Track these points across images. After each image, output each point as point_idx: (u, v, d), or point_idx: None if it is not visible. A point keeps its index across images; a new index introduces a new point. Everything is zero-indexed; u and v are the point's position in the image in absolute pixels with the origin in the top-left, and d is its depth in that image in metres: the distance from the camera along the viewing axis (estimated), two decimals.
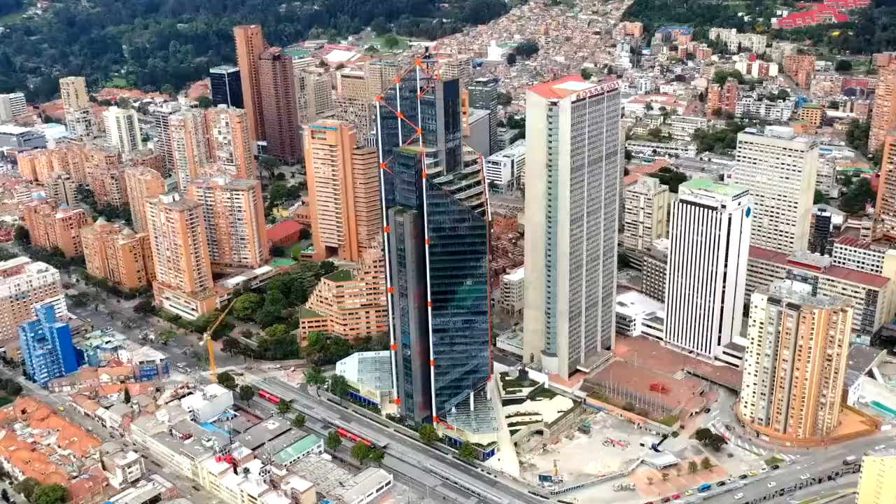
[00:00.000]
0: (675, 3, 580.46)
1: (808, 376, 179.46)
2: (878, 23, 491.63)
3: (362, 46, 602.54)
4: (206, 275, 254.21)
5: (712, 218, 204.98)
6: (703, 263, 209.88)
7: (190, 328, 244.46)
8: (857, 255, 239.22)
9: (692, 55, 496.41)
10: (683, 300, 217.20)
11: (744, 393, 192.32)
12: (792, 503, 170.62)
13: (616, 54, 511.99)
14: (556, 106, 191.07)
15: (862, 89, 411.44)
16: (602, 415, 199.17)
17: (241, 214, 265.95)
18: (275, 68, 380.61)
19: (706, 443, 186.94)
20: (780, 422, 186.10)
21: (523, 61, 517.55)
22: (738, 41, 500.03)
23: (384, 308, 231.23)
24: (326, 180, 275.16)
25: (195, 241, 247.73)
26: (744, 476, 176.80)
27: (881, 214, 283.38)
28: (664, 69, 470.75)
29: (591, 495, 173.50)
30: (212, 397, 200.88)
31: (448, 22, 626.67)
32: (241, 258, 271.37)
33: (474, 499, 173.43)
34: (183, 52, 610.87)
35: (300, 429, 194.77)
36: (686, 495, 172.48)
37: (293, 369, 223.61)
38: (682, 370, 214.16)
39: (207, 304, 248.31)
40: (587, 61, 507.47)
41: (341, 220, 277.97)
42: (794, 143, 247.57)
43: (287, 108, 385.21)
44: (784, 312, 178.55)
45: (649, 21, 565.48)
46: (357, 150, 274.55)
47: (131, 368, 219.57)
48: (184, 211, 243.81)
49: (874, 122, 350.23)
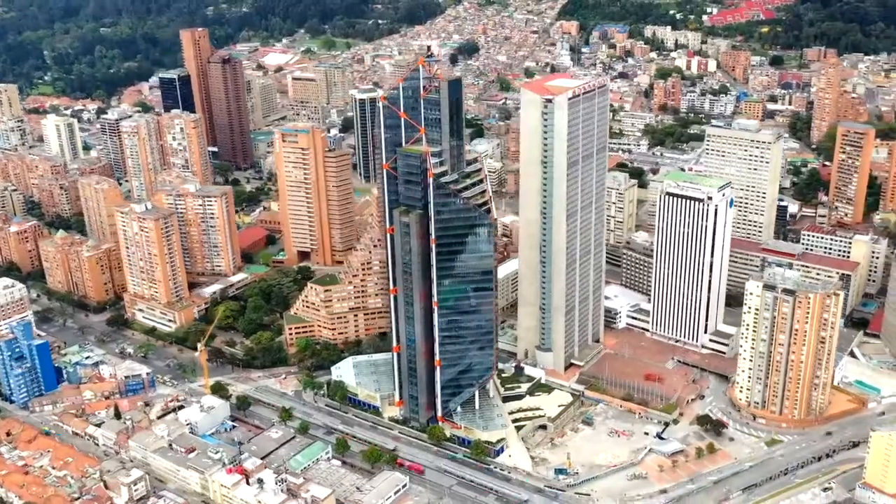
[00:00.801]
0: (609, 2, 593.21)
1: (803, 359, 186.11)
2: (805, 19, 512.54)
3: (298, 49, 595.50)
4: (182, 284, 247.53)
5: (699, 209, 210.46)
6: (689, 254, 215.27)
7: (168, 340, 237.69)
8: (824, 242, 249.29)
9: (630, 53, 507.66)
10: (670, 291, 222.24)
11: (738, 378, 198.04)
12: (796, 482, 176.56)
13: (556, 53, 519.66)
14: (551, 103, 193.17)
15: (797, 83, 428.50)
16: (602, 406, 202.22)
17: (214, 221, 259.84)
18: (224, 72, 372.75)
19: (707, 428, 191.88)
20: (776, 404, 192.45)
21: (465, 61, 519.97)
22: (674, 38, 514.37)
23: (372, 311, 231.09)
24: (298, 184, 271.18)
25: (170, 251, 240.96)
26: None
27: (834, 202, 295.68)
28: (606, 67, 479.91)
29: (605, 486, 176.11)
30: (209, 409, 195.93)
31: (384, 23, 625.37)
32: (213, 266, 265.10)
33: (492, 496, 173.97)
34: (109, 57, 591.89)
35: (304, 436, 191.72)
36: (697, 480, 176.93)
37: (284, 377, 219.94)
38: (671, 359, 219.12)
39: (185, 314, 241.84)
40: (528, 60, 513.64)
41: (314, 223, 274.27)
42: (761, 135, 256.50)
43: (238, 112, 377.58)
44: (780, 298, 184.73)
45: (585, 20, 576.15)
46: (329, 152, 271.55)
47: (115, 383, 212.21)
48: (158, 219, 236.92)
49: (816, 114, 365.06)
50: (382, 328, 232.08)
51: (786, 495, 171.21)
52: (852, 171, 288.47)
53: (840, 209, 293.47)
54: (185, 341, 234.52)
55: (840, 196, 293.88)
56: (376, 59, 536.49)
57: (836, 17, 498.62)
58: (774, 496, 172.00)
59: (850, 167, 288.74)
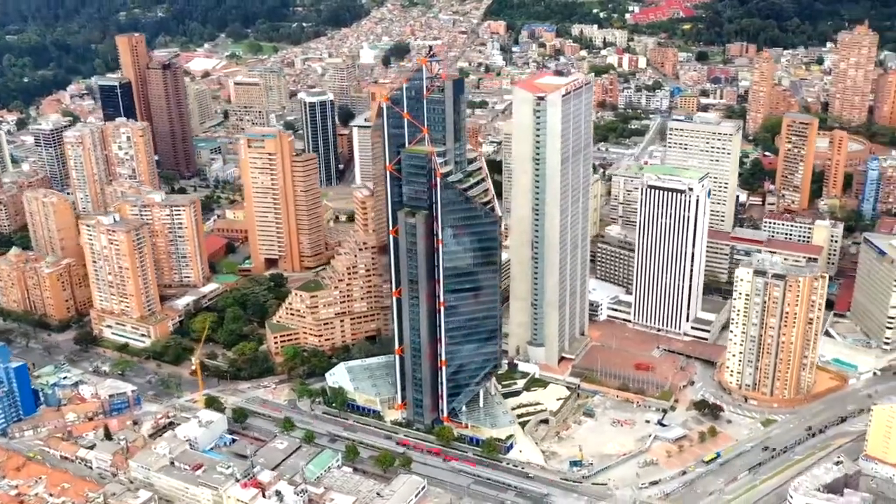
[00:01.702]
0: (533, 2, 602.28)
1: (793, 340, 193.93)
2: (724, 16, 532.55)
3: (222, 53, 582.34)
4: (154, 298, 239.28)
5: (681, 201, 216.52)
6: (672, 245, 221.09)
7: (144, 355, 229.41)
8: (785, 228, 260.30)
9: (561, 51, 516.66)
10: (652, 282, 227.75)
11: (729, 362, 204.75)
12: (796, 458, 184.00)
13: (488, 53, 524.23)
14: (543, 101, 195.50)
15: (725, 77, 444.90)
16: (599, 398, 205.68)
17: (183, 231, 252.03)
18: (165, 78, 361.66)
19: (705, 413, 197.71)
20: (768, 385, 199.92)
21: (398, 62, 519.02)
22: (602, 36, 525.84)
23: (358, 315, 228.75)
24: (265, 190, 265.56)
25: (143, 263, 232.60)
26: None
27: (781, 190, 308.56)
28: (539, 65, 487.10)
29: (619, 474, 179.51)
30: (207, 423, 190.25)
31: (308, 26, 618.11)
32: (182, 278, 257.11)
33: (511, 492, 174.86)
34: (19, 65, 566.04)
35: (310, 445, 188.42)
36: (704, 463, 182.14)
37: (274, 387, 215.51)
38: (657, 348, 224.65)
39: (160, 328, 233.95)
40: (461, 60, 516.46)
41: (282, 230, 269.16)
42: (721, 127, 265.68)
43: (180, 119, 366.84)
44: (771, 283, 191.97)
45: (511, 19, 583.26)
46: (297, 157, 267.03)
47: (99, 403, 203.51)
48: (130, 231, 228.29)
49: (751, 107, 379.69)
50: (369, 332, 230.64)
51: (790, 472, 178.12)
52: (798, 160, 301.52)
53: (787, 197, 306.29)
54: (162, 356, 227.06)
55: (787, 184, 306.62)
56: (307, 62, 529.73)
57: (754, 14, 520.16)
58: (779, 473, 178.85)
59: (796, 156, 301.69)
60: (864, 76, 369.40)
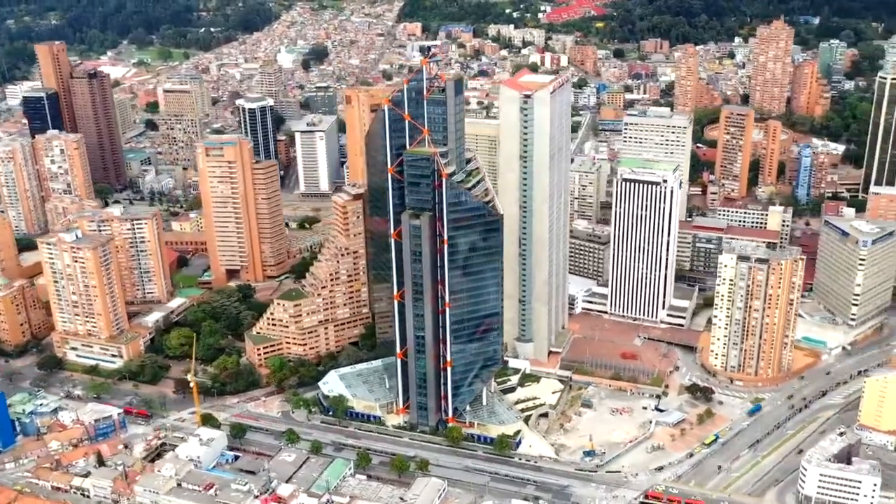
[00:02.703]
0: (446, 3, 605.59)
1: (776, 321, 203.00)
2: (635, 14, 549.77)
3: (129, 61, 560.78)
4: (122, 316, 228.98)
5: (657, 192, 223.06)
6: (648, 235, 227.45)
7: (117, 376, 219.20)
8: (739, 215, 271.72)
9: (481, 51, 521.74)
10: (628, 273, 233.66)
11: (714, 346, 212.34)
12: (789, 433, 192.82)
13: (408, 55, 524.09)
14: (530, 99, 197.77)
15: (646, 73, 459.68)
16: (592, 388, 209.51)
17: (146, 245, 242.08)
18: (91, 87, 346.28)
19: (697, 396, 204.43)
20: (752, 366, 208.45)
21: (318, 66, 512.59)
22: (520, 36, 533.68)
23: (342, 322, 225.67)
24: (225, 199, 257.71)
25: (110, 281, 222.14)
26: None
27: (721, 179, 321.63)
28: (463, 66, 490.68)
29: (630, 461, 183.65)
30: (209, 441, 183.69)
31: (218, 31, 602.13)
32: (146, 293, 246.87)
33: (531, 486, 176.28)
34: None
35: (319, 455, 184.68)
36: (706, 445, 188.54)
37: (264, 399, 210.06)
38: (637, 337, 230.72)
39: (132, 347, 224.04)
40: (381, 63, 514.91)
41: (243, 240, 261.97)
42: (675, 120, 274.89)
43: (108, 129, 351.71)
44: (755, 267, 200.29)
45: (425, 20, 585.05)
46: (257, 164, 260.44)
47: (83, 429, 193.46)
48: (96, 248, 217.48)
49: (678, 101, 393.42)
50: (352, 338, 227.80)
51: (787, 446, 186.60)
52: (737, 151, 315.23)
53: (727, 186, 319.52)
54: (138, 376, 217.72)
55: (726, 174, 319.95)
56: (223, 68, 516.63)
57: (664, 11, 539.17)
58: (777, 448, 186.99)
59: (735, 147, 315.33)
60: (782, 68, 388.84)
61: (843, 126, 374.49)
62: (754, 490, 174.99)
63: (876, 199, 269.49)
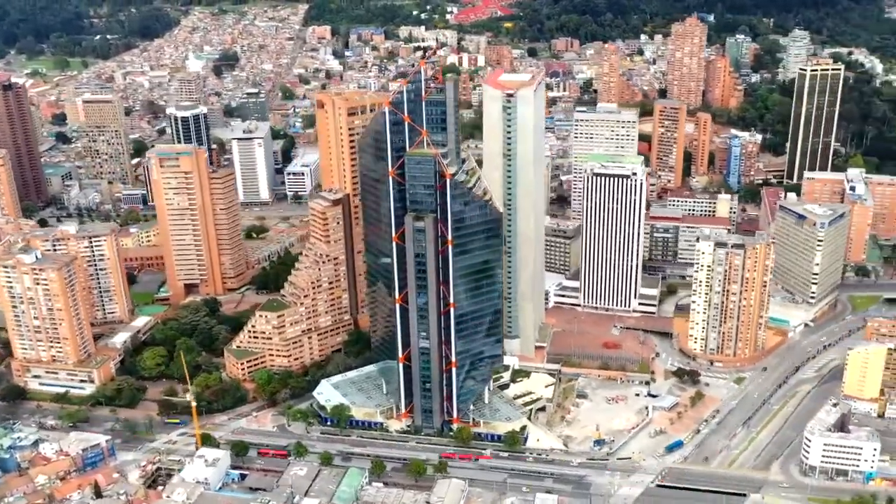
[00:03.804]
0: (352, 6, 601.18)
1: (752, 303, 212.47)
2: (542, 13, 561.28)
3: (21, 71, 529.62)
4: (89, 339, 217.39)
5: (628, 185, 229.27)
6: (620, 227, 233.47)
7: (90, 402, 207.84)
8: (688, 205, 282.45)
9: (394, 54, 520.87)
10: (599, 265, 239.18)
11: (693, 330, 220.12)
12: (774, 409, 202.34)
13: (322, 58, 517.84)
14: (513, 97, 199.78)
15: (563, 71, 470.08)
16: (583, 379, 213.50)
17: (105, 263, 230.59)
18: (6, 99, 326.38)
19: (684, 379, 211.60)
20: (731, 347, 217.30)
21: (230, 72, 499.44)
22: (433, 37, 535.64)
23: (324, 330, 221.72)
24: (182, 211, 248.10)
25: (75, 303, 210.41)
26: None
27: (658, 171, 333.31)
28: (381, 69, 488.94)
29: (637, 446, 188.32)
30: (215, 461, 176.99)
31: (115, 38, 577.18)
32: (106, 314, 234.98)
33: (549, 479, 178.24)
34: None
35: (330, 466, 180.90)
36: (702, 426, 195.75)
37: (255, 415, 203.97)
38: (614, 326, 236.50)
39: (104, 371, 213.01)
40: (296, 67, 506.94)
41: (202, 252, 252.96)
42: (623, 115, 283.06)
43: (27, 143, 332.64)
44: (731, 252, 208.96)
45: (333, 23, 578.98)
46: (214, 173, 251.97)
47: (70, 460, 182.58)
48: (60, 269, 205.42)
49: (602, 97, 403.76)
50: (335, 346, 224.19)
51: (777, 421, 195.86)
52: (671, 143, 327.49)
53: (663, 177, 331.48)
54: (113, 400, 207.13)
55: (662, 165, 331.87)
56: (128, 76, 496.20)
57: (571, 11, 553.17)
58: (768, 423, 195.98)
59: (669, 139, 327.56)
60: (697, 63, 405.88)
61: (758, 116, 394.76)
62: (757, 464, 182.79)
63: (811, 184, 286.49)
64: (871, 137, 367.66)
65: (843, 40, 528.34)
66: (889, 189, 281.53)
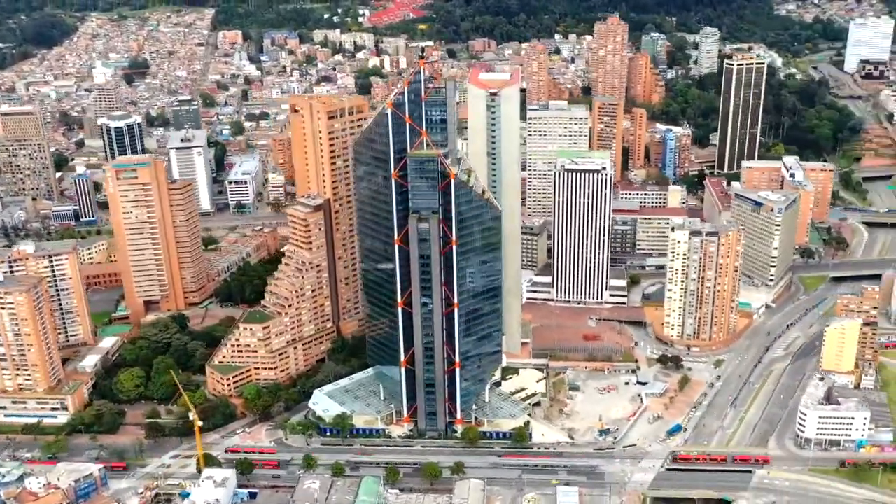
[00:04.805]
0: (261, 10, 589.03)
1: (726, 288, 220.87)
2: (456, 14, 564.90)
3: None
4: (58, 365, 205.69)
5: (598, 180, 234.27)
6: (591, 221, 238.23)
7: (66, 431, 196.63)
8: (640, 197, 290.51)
9: (312, 58, 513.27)
10: (570, 259, 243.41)
11: (669, 318, 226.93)
12: (756, 388, 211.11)
13: (237, 64, 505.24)
14: (497, 96, 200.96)
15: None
16: (570, 372, 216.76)
17: (67, 283, 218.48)
18: None
19: (668, 365, 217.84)
20: (706, 332, 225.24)
21: (142, 80, 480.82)
22: (350, 40, 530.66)
23: (308, 340, 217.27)
24: (141, 225, 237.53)
25: (44, 327, 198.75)
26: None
27: None
28: (302, 73, 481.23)
29: (639, 433, 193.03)
30: (224, 481, 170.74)
31: (9, 47, 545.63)
32: (69, 336, 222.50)
33: (563, 472, 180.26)
34: None
35: (343, 477, 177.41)
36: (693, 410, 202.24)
37: (248, 431, 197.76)
38: (590, 319, 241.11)
39: (78, 397, 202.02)
40: (211, 73, 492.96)
41: (162, 267, 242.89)
42: (574, 111, 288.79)
43: None
44: (706, 240, 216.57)
45: (243, 28, 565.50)
46: (172, 184, 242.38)
47: (62, 493, 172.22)
48: (29, 290, 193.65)
49: (531, 95, 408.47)
50: (319, 355, 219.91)
51: (761, 399, 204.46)
52: (610, 138, 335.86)
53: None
54: (92, 427, 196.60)
55: None
56: (31, 86, 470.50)
57: (484, 12, 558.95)
58: (753, 402, 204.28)
59: (608, 135, 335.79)
60: (620, 61, 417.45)
61: (680, 111, 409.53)
62: (753, 441, 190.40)
63: (749, 172, 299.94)
64: (787, 127, 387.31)
65: (741, 37, 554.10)
66: (821, 175, 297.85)
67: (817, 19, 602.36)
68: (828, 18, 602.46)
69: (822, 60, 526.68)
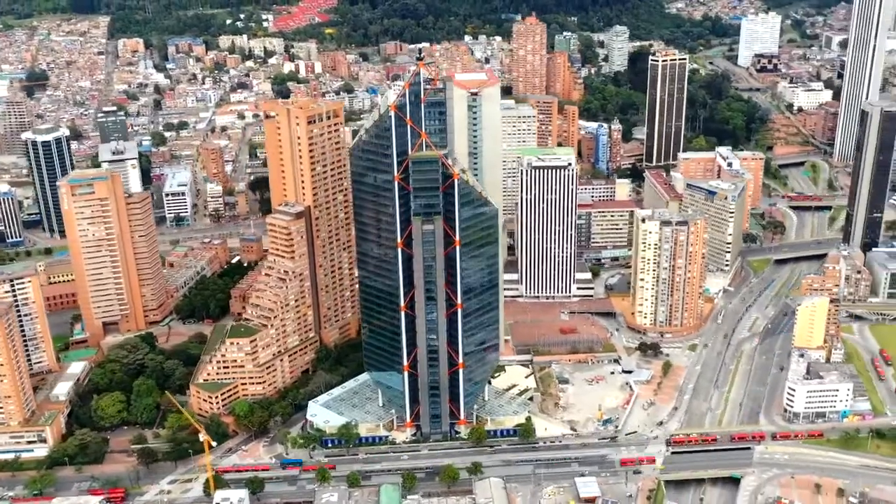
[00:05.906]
0: (159, 17, 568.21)
1: (695, 275, 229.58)
2: (364, 18, 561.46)
3: None
4: (30, 395, 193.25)
5: (563, 176, 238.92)
6: (557, 217, 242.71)
7: (46, 465, 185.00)
8: (587, 192, 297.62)
9: (221, 64, 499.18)
10: (539, 255, 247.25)
11: (641, 306, 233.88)
12: (732, 368, 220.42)
13: (143, 72, 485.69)
14: (478, 96, 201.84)
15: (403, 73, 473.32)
16: (555, 366, 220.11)
17: (30, 308, 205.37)
18: None
19: (647, 353, 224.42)
20: (678, 318, 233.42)
21: (44, 92, 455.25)
22: (259, 46, 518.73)
23: (293, 351, 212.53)
24: (99, 242, 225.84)
25: (17, 357, 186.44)
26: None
27: None
28: (216, 80, 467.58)
29: (637, 421, 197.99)
30: (239, 502, 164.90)
31: None
32: (32, 364, 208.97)
33: (574, 465, 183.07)
34: None
35: (359, 487, 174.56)
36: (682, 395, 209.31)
37: (244, 448, 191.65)
38: (562, 312, 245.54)
39: (56, 428, 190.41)
40: (116, 82, 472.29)
41: (121, 286, 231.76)
42: (521, 110, 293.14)
43: None
44: (677, 229, 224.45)
45: (142, 35, 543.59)
46: (130, 198, 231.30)
47: None
48: (1, 317, 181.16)
49: None
50: (303, 366, 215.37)
51: (739, 379, 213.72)
52: (546, 135, 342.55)
53: None
54: (75, 458, 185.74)
55: None
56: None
57: (391, 15, 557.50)
58: (733, 382, 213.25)
59: (545, 132, 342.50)
60: (540, 60, 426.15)
61: (600, 107, 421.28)
62: (743, 419, 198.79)
63: (686, 164, 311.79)
64: (703, 120, 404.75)
65: (639, 34, 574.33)
66: (752, 163, 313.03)
67: (706, 17, 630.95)
68: (715, 15, 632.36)
69: (717, 56, 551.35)
